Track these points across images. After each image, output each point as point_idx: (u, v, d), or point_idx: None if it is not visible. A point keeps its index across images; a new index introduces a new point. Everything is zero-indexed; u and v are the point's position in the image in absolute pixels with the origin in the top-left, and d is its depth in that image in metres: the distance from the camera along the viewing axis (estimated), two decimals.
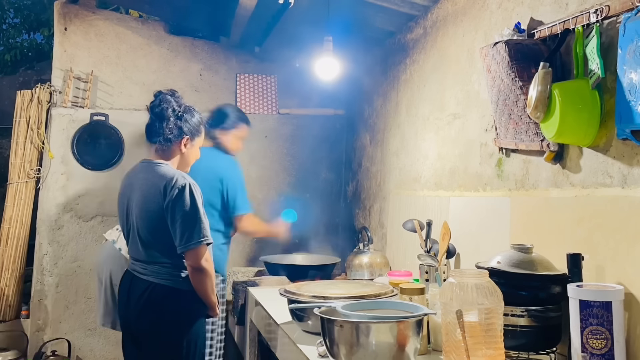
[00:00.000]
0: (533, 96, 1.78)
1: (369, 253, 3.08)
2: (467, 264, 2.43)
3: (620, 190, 1.64)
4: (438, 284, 2.02)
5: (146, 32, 4.20)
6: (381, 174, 3.61)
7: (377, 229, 3.60)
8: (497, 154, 2.27)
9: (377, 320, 1.57)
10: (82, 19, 4.08)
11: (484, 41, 2.37)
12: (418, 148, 3.05)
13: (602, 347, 1.47)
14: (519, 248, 1.77)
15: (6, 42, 6.21)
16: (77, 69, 4.03)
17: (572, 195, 1.82)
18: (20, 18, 6.33)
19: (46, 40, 5.97)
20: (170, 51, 4.22)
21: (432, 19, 2.94)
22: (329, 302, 1.90)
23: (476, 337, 1.49)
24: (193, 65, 4.25)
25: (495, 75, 2.05)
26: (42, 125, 3.95)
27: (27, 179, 3.95)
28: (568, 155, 1.87)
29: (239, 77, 4.26)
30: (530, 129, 1.97)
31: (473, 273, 1.58)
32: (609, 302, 1.47)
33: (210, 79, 4.28)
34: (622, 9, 1.60)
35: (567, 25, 1.81)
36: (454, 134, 2.65)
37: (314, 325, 1.98)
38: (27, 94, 3.97)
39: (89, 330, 4.01)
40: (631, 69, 1.54)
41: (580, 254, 1.65)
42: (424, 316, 1.62)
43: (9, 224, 3.94)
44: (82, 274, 3.99)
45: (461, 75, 2.59)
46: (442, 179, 2.76)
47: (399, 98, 3.35)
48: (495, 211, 2.24)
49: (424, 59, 3.02)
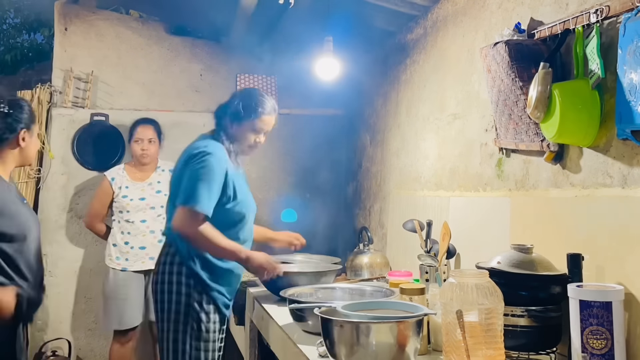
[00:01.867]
0: (533, 96, 1.78)
1: (369, 253, 3.07)
2: (467, 264, 2.43)
3: (620, 191, 1.64)
4: (438, 284, 2.02)
5: (146, 32, 4.20)
6: (381, 174, 3.61)
7: (377, 229, 3.60)
8: (497, 154, 2.27)
9: (377, 321, 1.57)
10: (83, 19, 4.08)
11: (484, 41, 2.37)
12: (418, 148, 3.05)
13: (602, 347, 1.47)
14: (519, 248, 1.77)
15: (6, 42, 6.21)
16: (77, 69, 4.03)
17: (572, 195, 1.83)
18: (21, 18, 6.34)
19: (46, 40, 5.97)
20: (170, 51, 4.22)
21: (432, 19, 2.94)
22: (329, 302, 1.90)
23: (476, 337, 1.49)
24: (193, 66, 4.25)
25: (495, 76, 2.05)
26: (42, 125, 3.95)
27: (28, 179, 3.95)
28: (568, 155, 1.87)
29: (239, 77, 4.26)
30: (530, 129, 1.97)
31: (473, 273, 1.58)
32: (609, 302, 1.47)
33: (211, 79, 4.28)
34: (622, 9, 1.60)
35: (567, 26, 1.81)
36: (454, 134, 2.65)
37: (314, 326, 1.98)
38: (27, 94, 3.97)
39: (89, 330, 4.01)
40: (631, 69, 1.54)
41: (580, 254, 1.65)
42: (424, 316, 1.62)
43: None
44: (83, 274, 3.99)
45: (461, 76, 2.59)
46: (442, 179, 2.76)
47: (399, 98, 3.35)
48: (495, 211, 2.24)
49: (424, 59, 3.02)
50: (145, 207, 3.59)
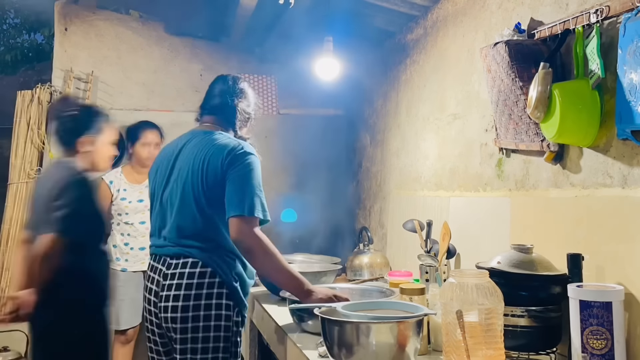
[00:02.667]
0: (533, 96, 1.78)
1: (369, 253, 3.08)
2: (467, 264, 2.43)
3: (620, 191, 1.64)
4: (438, 284, 2.02)
5: (146, 32, 4.20)
6: (381, 174, 3.61)
7: (377, 229, 3.60)
8: (497, 154, 2.27)
9: (377, 321, 1.58)
10: (83, 19, 4.08)
11: (484, 41, 2.37)
12: (418, 148, 3.05)
13: (603, 347, 1.47)
14: (519, 248, 1.77)
15: (7, 42, 6.22)
16: (77, 69, 4.03)
17: (572, 195, 1.83)
18: (21, 18, 6.35)
19: (46, 40, 5.98)
20: (170, 51, 4.22)
21: (432, 19, 2.94)
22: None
23: (476, 338, 1.49)
24: (193, 66, 4.25)
25: (495, 76, 2.05)
26: (42, 125, 3.95)
27: (28, 179, 3.95)
28: (568, 155, 1.87)
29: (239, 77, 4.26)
30: (530, 129, 1.97)
31: (473, 273, 1.58)
32: (609, 302, 1.47)
33: (211, 79, 4.20)
34: (622, 10, 1.60)
35: (567, 26, 1.81)
36: (454, 134, 2.66)
37: (314, 326, 1.98)
38: (27, 94, 3.97)
39: None
40: (631, 69, 1.54)
41: (580, 254, 1.65)
42: (424, 316, 1.63)
43: (9, 225, 3.94)
44: None
45: (461, 76, 2.59)
46: (442, 179, 2.76)
47: (399, 98, 3.35)
48: (495, 211, 2.25)
49: (424, 59, 3.02)
50: (143, 208, 3.59)
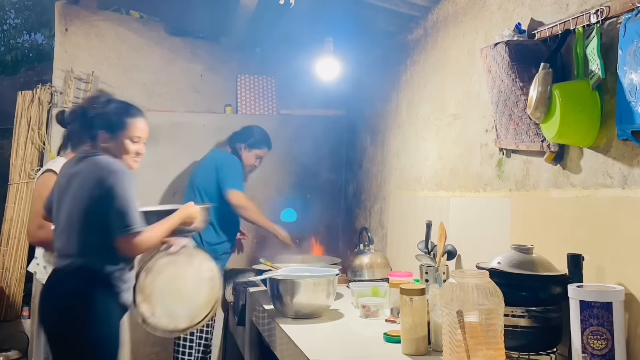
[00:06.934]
0: (533, 97, 1.78)
1: (370, 253, 3.07)
2: (467, 265, 2.44)
3: (620, 191, 1.64)
4: (438, 285, 2.02)
5: (147, 32, 4.20)
6: (381, 175, 3.61)
7: (377, 230, 3.60)
8: (498, 154, 2.27)
9: (297, 279, 2.35)
10: (83, 19, 4.08)
11: (484, 42, 2.37)
12: (418, 149, 3.05)
13: (603, 347, 1.47)
14: (519, 248, 1.77)
15: (7, 42, 6.22)
16: (78, 69, 4.03)
17: (572, 195, 1.83)
18: (21, 19, 6.35)
19: (47, 40, 5.98)
20: (170, 52, 4.22)
21: (433, 20, 2.94)
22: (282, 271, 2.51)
23: (477, 338, 1.49)
24: (194, 66, 4.25)
25: (495, 76, 2.05)
26: (42, 125, 3.95)
27: (28, 179, 3.95)
28: (568, 155, 1.87)
29: (239, 77, 4.26)
30: (530, 130, 1.97)
31: (473, 273, 1.58)
32: (610, 302, 1.47)
33: (211, 79, 4.28)
34: (623, 10, 1.60)
35: (567, 26, 1.81)
36: (454, 134, 2.66)
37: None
38: (28, 95, 3.97)
39: None
40: (631, 69, 1.54)
41: (580, 255, 1.65)
42: (336, 277, 2.40)
43: (9, 225, 3.94)
44: None
45: (461, 76, 2.60)
46: (442, 180, 2.76)
47: (400, 99, 3.35)
48: (495, 212, 2.25)
49: (424, 59, 3.03)
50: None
